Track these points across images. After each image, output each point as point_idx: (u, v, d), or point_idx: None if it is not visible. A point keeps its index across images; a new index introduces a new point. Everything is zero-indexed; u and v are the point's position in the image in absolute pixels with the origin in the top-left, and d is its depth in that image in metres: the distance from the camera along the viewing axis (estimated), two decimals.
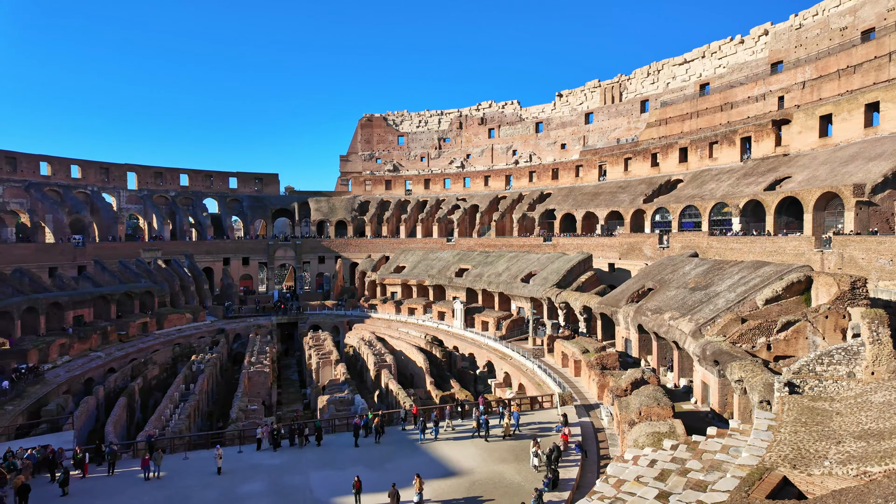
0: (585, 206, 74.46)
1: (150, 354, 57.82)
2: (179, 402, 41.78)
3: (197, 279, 78.98)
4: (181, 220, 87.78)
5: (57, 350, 49.59)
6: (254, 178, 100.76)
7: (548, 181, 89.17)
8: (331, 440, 31.53)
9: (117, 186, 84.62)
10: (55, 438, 31.93)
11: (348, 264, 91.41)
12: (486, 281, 66.23)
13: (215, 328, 70.38)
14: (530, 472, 25.62)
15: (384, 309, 75.19)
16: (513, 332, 56.57)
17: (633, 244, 62.18)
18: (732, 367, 26.25)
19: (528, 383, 43.57)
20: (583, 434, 29.72)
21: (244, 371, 48.71)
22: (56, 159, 77.72)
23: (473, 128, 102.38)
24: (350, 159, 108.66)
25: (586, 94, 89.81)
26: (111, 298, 62.98)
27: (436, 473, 25.78)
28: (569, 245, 70.63)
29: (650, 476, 18.52)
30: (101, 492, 24.96)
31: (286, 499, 23.82)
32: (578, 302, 51.43)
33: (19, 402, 39.07)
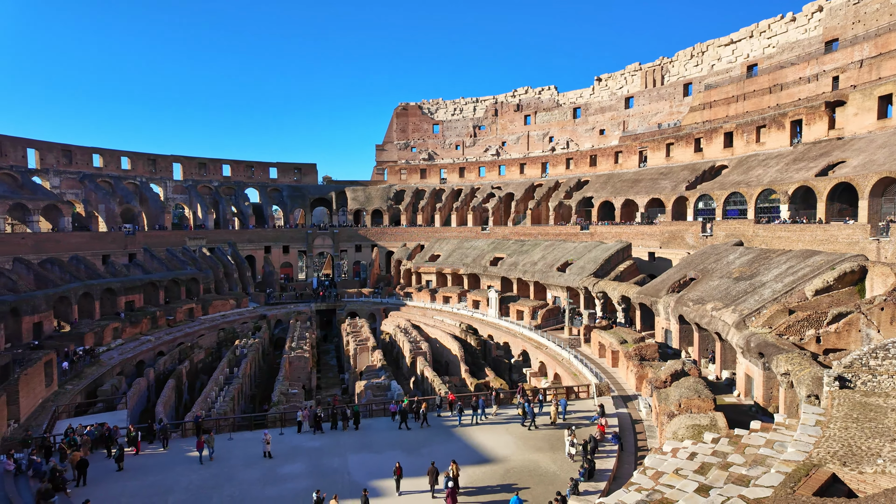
0: (625, 194, 72.75)
1: (197, 339, 60.20)
2: (224, 384, 43.43)
3: (240, 267, 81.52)
4: (224, 210, 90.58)
5: (110, 334, 52.19)
6: (293, 168, 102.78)
7: (585, 168, 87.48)
8: (368, 424, 32.20)
9: (164, 177, 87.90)
10: (110, 417, 33.78)
11: (384, 253, 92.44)
12: (522, 270, 65.81)
13: (257, 314, 72.60)
14: (566, 462, 25.53)
15: (419, 297, 75.81)
16: (548, 321, 56.13)
17: (675, 232, 60.47)
18: (779, 359, 25.34)
19: (564, 373, 43.26)
20: (620, 425, 29.36)
21: (285, 356, 50.14)
22: (107, 151, 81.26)
23: (509, 115, 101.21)
24: (385, 148, 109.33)
25: (626, 77, 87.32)
26: (160, 285, 65.76)
27: (471, 460, 26.01)
28: (607, 233, 69.29)
29: (690, 469, 18.15)
30: (153, 468, 26.29)
31: (325, 480, 24.51)
32: (616, 291, 50.53)
33: (78, 382, 41.43)
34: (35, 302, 48.60)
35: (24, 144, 70.50)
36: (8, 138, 68.30)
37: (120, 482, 24.71)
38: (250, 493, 23.44)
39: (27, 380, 34.02)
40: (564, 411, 31.22)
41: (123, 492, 23.71)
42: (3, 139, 67.54)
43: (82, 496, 22.25)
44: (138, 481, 24.76)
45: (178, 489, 23.95)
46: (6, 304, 45.58)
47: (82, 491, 23.52)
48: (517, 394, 35.42)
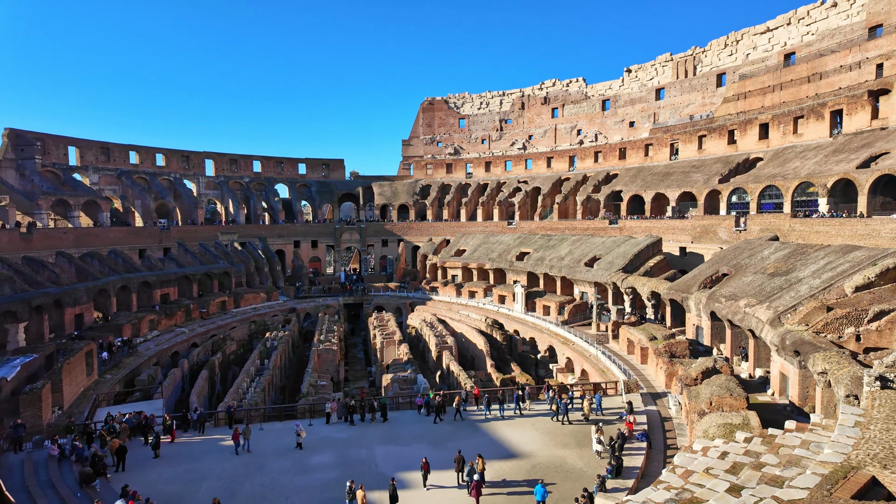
0: (655, 187, 71.31)
1: (229, 331, 61.70)
2: (255, 376, 44.45)
3: (270, 261, 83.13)
4: (255, 205, 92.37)
5: (147, 325, 53.92)
6: (321, 163, 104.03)
7: (614, 161, 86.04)
8: (394, 417, 32.56)
9: (197, 173, 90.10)
10: (147, 406, 34.99)
11: (410, 247, 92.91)
12: (548, 265, 65.28)
13: (287, 307, 73.99)
14: (593, 459, 25.34)
15: (445, 292, 75.99)
16: (575, 317, 55.59)
17: (707, 227, 59.01)
18: (816, 357, 24.55)
19: (591, 369, 42.83)
20: (648, 423, 28.96)
21: (314, 348, 50.98)
22: (143, 148, 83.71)
23: (536, 108, 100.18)
24: (412, 143, 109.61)
25: (657, 68, 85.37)
26: (193, 278, 67.59)
27: (497, 454, 26.05)
28: (636, 228, 68.09)
29: (721, 468, 17.78)
30: (187, 456, 27.16)
31: (353, 471, 24.91)
32: (646, 287, 49.69)
33: (116, 371, 43.00)
34: (76, 294, 50.56)
35: (65, 143, 73.22)
36: (51, 136, 71.03)
37: (156, 469, 25.60)
38: (280, 482, 24.00)
39: (69, 369, 35.46)
40: (599, 407, 31.01)
41: (160, 478, 24.56)
42: (46, 137, 70.25)
43: (121, 481, 23.14)
44: (174, 468, 25.61)
45: (211, 476, 24.69)
46: (50, 295, 47.56)
47: (121, 476, 24.47)
48: (543, 390, 35.32)
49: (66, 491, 22.75)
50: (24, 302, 44.11)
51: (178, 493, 23.14)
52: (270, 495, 22.89)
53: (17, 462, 25.48)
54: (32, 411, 29.79)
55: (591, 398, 31.41)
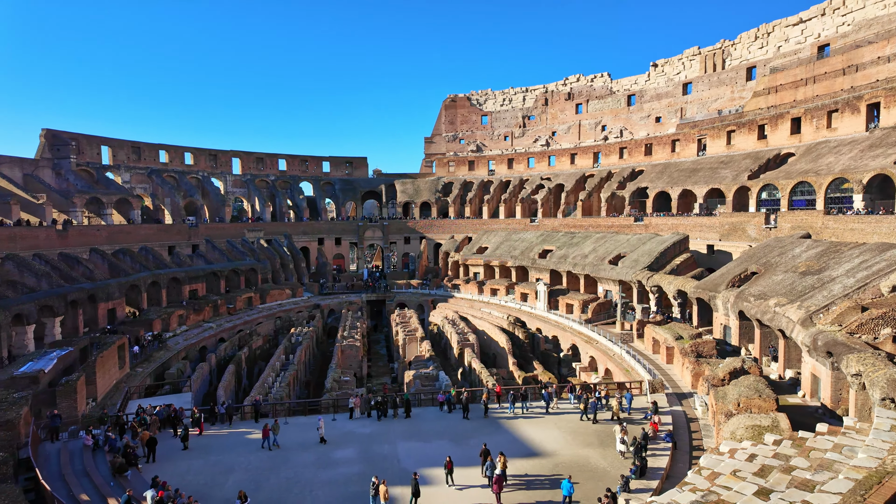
0: (682, 184, 69.97)
1: (255, 326, 62.84)
2: (280, 370, 45.20)
3: (295, 258, 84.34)
4: (280, 203, 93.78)
5: (176, 320, 55.27)
6: (344, 161, 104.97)
7: (640, 157, 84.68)
8: (416, 413, 32.73)
9: (224, 171, 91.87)
10: (176, 399, 35.89)
11: (432, 244, 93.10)
12: (571, 262, 64.68)
13: (311, 303, 74.95)
14: (616, 459, 25.08)
15: (467, 289, 75.98)
16: (599, 315, 55.00)
17: (736, 224, 57.67)
18: (849, 359, 23.81)
19: (616, 369, 42.35)
20: (674, 423, 28.51)
21: (337, 344, 51.58)
22: (172, 147, 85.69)
23: (560, 104, 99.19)
24: (434, 141, 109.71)
25: (684, 62, 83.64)
26: (221, 274, 68.99)
27: (519, 452, 25.98)
28: (662, 225, 66.93)
29: (749, 471, 17.41)
30: (215, 448, 27.77)
31: (376, 466, 25.14)
32: (672, 285, 48.85)
33: (147, 365, 44.22)
34: (109, 290, 52.11)
35: (98, 142, 75.43)
36: (84, 136, 73.26)
37: (185, 460, 26.25)
38: (305, 476, 24.37)
39: (103, 362, 36.61)
40: (630, 406, 30.64)
41: (189, 469, 25.19)
42: (80, 137, 72.48)
43: (152, 472, 23.81)
44: (202, 460, 26.23)
45: (238, 469, 25.22)
46: (84, 291, 49.14)
47: (152, 467, 25.17)
48: (566, 389, 35.08)
49: (99, 480, 23.51)
50: (60, 297, 45.68)
51: (206, 484, 23.70)
52: (295, 488, 23.27)
53: (53, 451, 26.43)
54: (68, 402, 30.86)
55: (621, 397, 31.12)
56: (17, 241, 51.37)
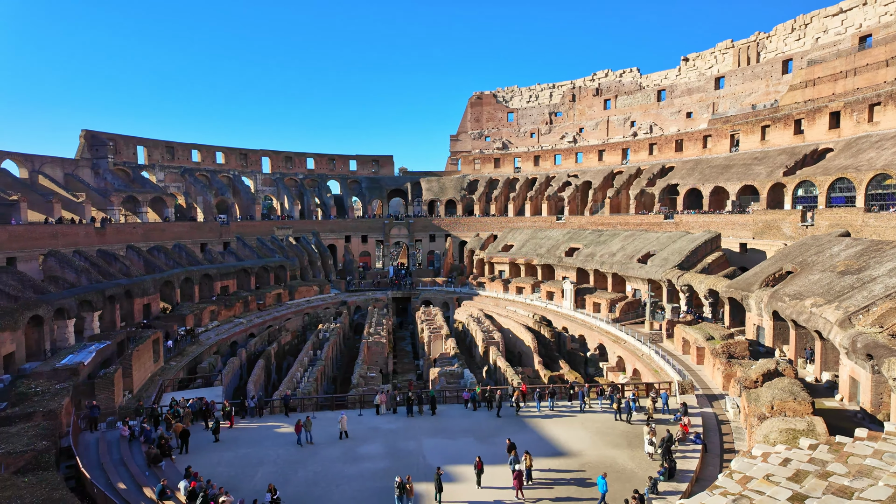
0: (714, 181, 68.30)
1: (284, 322, 63.95)
2: (308, 366, 45.91)
3: (322, 255, 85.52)
4: (308, 201, 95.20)
5: (208, 315, 56.65)
6: (371, 160, 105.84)
7: (670, 154, 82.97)
8: (441, 410, 32.85)
9: (254, 170, 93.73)
10: (208, 392, 36.81)
11: (457, 242, 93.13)
12: (599, 261, 63.83)
13: (338, 300, 75.90)
14: (644, 460, 24.70)
15: (492, 287, 75.77)
16: (627, 314, 54.17)
17: (770, 222, 56.03)
18: (891, 362, 22.90)
19: (644, 369, 41.67)
20: (704, 425, 27.91)
21: (364, 341, 52.10)
22: (204, 147, 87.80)
23: (587, 99, 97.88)
24: (460, 139, 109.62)
25: (717, 56, 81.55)
26: (251, 271, 70.43)
27: (544, 451, 25.82)
28: (693, 223, 65.48)
29: (782, 476, 16.94)
30: (245, 441, 28.42)
31: (401, 462, 25.35)
32: (703, 285, 47.77)
33: (180, 359, 45.46)
34: (145, 285, 53.75)
35: (134, 142, 77.82)
36: (121, 137, 75.66)
37: (217, 452, 26.93)
38: (332, 470, 24.73)
39: (138, 355, 37.80)
40: (666, 406, 30.10)
41: (220, 461, 25.83)
42: (118, 138, 74.88)
43: (185, 462, 24.52)
44: (232, 452, 26.87)
45: (267, 462, 25.75)
46: (121, 286, 50.80)
47: (184, 458, 25.91)
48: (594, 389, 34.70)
49: (135, 469, 24.33)
50: (98, 292, 47.33)
51: (237, 475, 24.27)
52: (322, 482, 23.64)
53: (92, 441, 27.45)
54: (106, 394, 31.97)
55: (656, 397, 30.62)
56: (58, 238, 53.42)
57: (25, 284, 44.20)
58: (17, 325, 38.12)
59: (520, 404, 32.05)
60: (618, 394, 31.94)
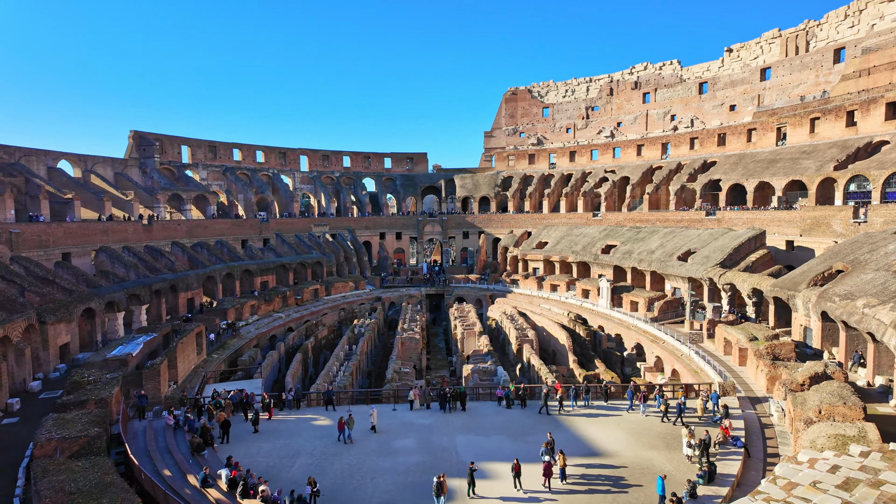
0: (758, 176, 65.80)
1: (320, 317, 65.24)
2: (344, 360, 46.71)
3: (358, 252, 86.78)
4: (344, 198, 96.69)
5: (248, 310, 58.33)
6: (405, 157, 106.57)
7: (712, 148, 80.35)
8: (474, 407, 32.88)
9: (292, 169, 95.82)
10: (248, 384, 37.92)
11: (491, 239, 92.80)
12: (637, 258, 62.48)
13: (373, 296, 76.89)
14: (682, 462, 24.09)
15: (526, 284, 75.21)
16: (666, 314, 52.88)
17: (819, 218, 53.60)
18: None
19: (683, 369, 40.61)
20: (746, 429, 27.01)
21: (398, 336, 52.63)
22: (245, 146, 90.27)
23: (626, 93, 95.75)
24: (494, 135, 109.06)
25: (762, 46, 78.39)
26: (289, 267, 72.10)
27: (578, 451, 25.52)
28: (736, 219, 63.28)
29: (830, 483, 16.25)
30: (283, 432, 29.15)
31: (435, 457, 25.52)
32: (746, 283, 46.14)
33: (222, 351, 46.97)
34: (189, 280, 55.74)
35: (179, 142, 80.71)
36: (167, 137, 78.57)
37: (256, 443, 27.73)
38: (367, 464, 25.10)
39: (183, 348, 39.26)
40: (716, 406, 29.32)
41: (259, 451, 26.59)
42: (163, 138, 77.79)
43: (226, 452, 25.36)
44: (271, 443, 27.62)
45: (304, 453, 26.35)
46: (167, 281, 52.84)
47: (225, 448, 26.79)
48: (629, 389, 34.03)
49: (180, 457, 25.31)
50: (146, 286, 49.39)
51: (275, 466, 24.94)
52: (357, 475, 24.03)
53: (140, 428, 28.69)
54: (153, 384, 33.36)
55: (707, 397, 29.82)
56: (108, 235, 55.97)
57: (79, 278, 46.54)
58: (72, 317, 40.20)
59: (563, 402, 31.66)
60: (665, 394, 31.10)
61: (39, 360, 36.82)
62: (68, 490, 18.41)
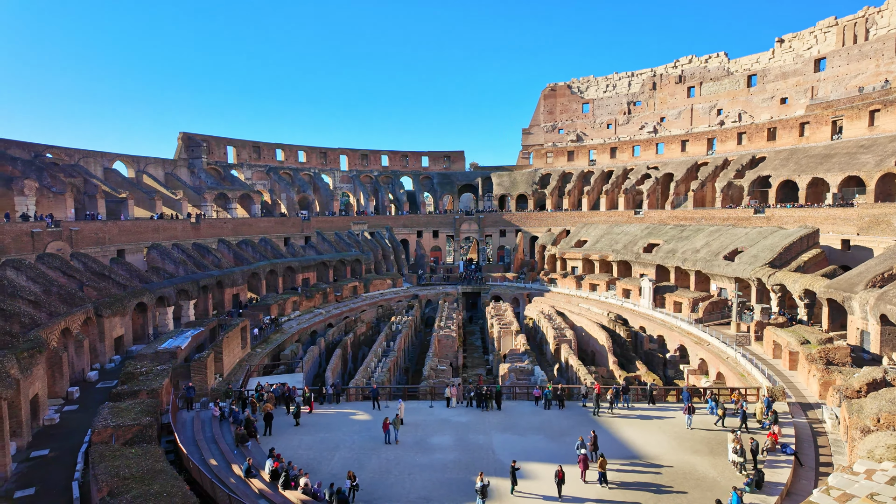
0: (812, 172, 62.76)
1: (359, 314, 66.27)
2: (381, 356, 47.31)
3: (395, 249, 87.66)
4: (382, 197, 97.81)
5: (290, 306, 59.81)
6: (442, 156, 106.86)
7: (761, 143, 77.11)
8: (510, 406, 32.72)
9: (332, 168, 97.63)
10: (290, 378, 38.91)
11: (528, 237, 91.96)
12: (681, 257, 60.67)
13: (410, 294, 77.52)
14: (727, 469, 23.29)
15: (564, 283, 74.19)
16: (711, 315, 51.19)
17: (879, 216, 50.66)
18: None
19: (729, 373, 39.23)
20: (797, 436, 25.86)
21: (434, 334, 52.89)
22: (287, 146, 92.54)
23: (669, 87, 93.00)
24: (532, 132, 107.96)
25: (817, 35, 74.64)
26: (329, 264, 73.54)
27: (618, 454, 25.04)
28: (787, 217, 60.55)
29: (889, 495, 15.39)
30: (323, 425, 29.79)
31: (472, 455, 25.55)
32: (798, 284, 44.14)
33: (265, 346, 48.35)
34: (234, 277, 57.61)
35: (224, 143, 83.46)
36: (213, 138, 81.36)
37: (297, 435, 28.44)
38: (404, 459, 25.37)
39: (228, 342, 40.63)
40: (769, 409, 28.30)
41: (300, 444, 27.26)
42: (210, 139, 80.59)
43: (268, 444, 26.13)
44: (311, 436, 28.27)
45: (343, 447, 26.85)
46: (214, 277, 54.76)
47: (268, 439, 27.60)
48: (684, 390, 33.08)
49: (225, 447, 26.24)
50: (194, 282, 51.34)
51: (315, 458, 25.51)
52: (395, 470, 24.32)
53: (188, 419, 29.89)
54: (200, 376, 34.69)
55: (762, 401, 28.78)
56: (159, 233, 58.46)
57: (132, 274, 48.79)
58: (126, 310, 42.21)
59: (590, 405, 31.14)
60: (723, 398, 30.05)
61: (96, 352, 38.85)
62: (123, 475, 19.36)
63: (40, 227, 44.36)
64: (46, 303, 35.61)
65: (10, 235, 41.18)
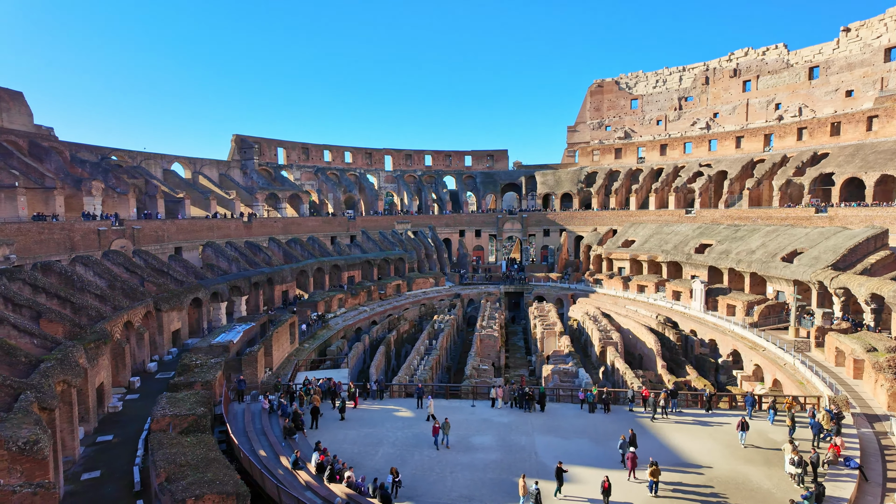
0: (880, 168, 58.85)
1: (402, 312, 67.02)
2: (424, 354, 47.69)
3: (438, 248, 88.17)
4: (425, 196, 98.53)
5: (336, 303, 61.15)
6: (486, 155, 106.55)
7: (824, 138, 72.90)
8: (554, 409, 32.30)
9: (377, 168, 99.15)
10: (335, 373, 39.76)
11: (573, 237, 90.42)
12: (735, 259, 58.19)
13: (452, 293, 77.74)
14: (783, 480, 22.22)
15: (610, 284, 72.54)
16: (767, 319, 48.88)
17: None
18: None
19: (786, 380, 37.36)
20: (862, 448, 24.39)
21: (477, 333, 52.85)
22: (334, 147, 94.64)
23: (723, 82, 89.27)
24: (577, 129, 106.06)
25: (887, 23, 69.81)
26: (374, 263, 74.74)
27: (666, 461, 24.27)
28: (852, 217, 57.01)
29: None
30: (367, 421, 30.32)
31: (514, 456, 25.41)
32: (864, 288, 41.51)
33: (312, 342, 49.64)
34: (284, 274, 59.41)
35: (275, 144, 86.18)
36: (265, 140, 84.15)
37: (342, 430, 29.06)
38: (445, 458, 25.48)
39: (277, 337, 41.94)
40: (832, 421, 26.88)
41: (345, 438, 27.85)
42: (262, 141, 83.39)
43: (315, 437, 26.81)
44: (356, 431, 28.82)
45: (386, 443, 27.25)
46: (264, 274, 56.66)
47: (314, 433, 28.32)
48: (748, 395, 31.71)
49: (274, 439, 27.12)
50: (246, 279, 53.29)
51: (360, 453, 26.00)
52: (437, 467, 24.47)
53: (239, 410, 31.06)
54: (251, 370, 35.99)
55: (823, 410, 27.38)
56: (214, 231, 60.97)
57: (188, 271, 51.11)
58: (183, 305, 44.28)
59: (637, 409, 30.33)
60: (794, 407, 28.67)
61: (155, 344, 40.95)
62: (179, 462, 20.33)
63: (106, 225, 47.10)
64: (111, 297, 37.80)
65: (79, 233, 43.93)
